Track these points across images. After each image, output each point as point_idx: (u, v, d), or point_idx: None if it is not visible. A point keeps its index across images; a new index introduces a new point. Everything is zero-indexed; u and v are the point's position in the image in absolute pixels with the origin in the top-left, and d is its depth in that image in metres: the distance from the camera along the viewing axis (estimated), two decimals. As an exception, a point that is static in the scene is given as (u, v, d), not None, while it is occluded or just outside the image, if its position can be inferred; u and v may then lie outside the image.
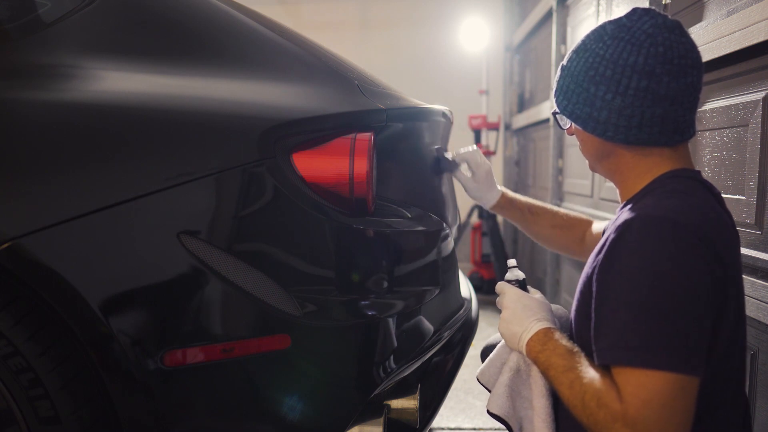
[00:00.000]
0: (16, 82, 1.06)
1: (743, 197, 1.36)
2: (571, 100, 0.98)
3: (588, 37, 0.98)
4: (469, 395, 2.38)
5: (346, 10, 4.66)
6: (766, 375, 1.30)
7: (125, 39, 1.14)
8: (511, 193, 1.48)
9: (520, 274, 1.11)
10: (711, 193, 0.93)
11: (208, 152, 1.00)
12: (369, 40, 4.64)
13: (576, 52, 0.98)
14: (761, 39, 1.25)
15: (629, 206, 0.93)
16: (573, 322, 1.00)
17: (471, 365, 2.61)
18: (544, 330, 0.97)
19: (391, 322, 1.12)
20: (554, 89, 1.03)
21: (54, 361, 0.98)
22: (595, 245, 1.39)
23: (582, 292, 0.95)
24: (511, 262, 1.13)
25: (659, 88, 0.90)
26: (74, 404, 0.99)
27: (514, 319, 1.01)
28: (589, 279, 0.93)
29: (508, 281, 1.10)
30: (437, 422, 2.14)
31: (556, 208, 1.47)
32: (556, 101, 1.03)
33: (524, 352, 0.98)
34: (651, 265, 0.81)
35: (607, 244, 0.87)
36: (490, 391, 1.06)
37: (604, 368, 0.85)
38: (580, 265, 2.79)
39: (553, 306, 1.13)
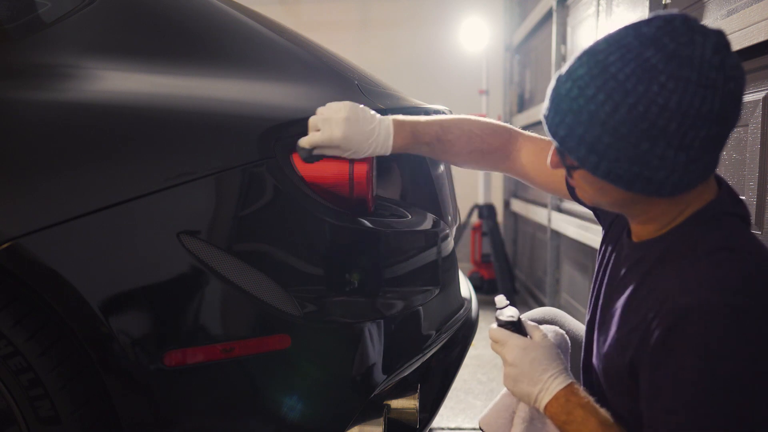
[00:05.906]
0: (16, 82, 1.06)
1: (743, 197, 1.36)
2: (606, 156, 0.75)
3: (620, 70, 0.73)
4: (469, 395, 2.38)
5: (346, 10, 4.66)
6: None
7: (125, 39, 1.14)
8: (407, 122, 1.08)
9: (513, 313, 0.94)
10: (741, 218, 0.82)
11: (209, 152, 1.00)
12: (369, 40, 4.63)
13: (607, 93, 0.73)
14: (761, 39, 1.25)
15: (661, 260, 0.82)
16: (602, 384, 0.91)
17: (471, 365, 2.62)
18: (564, 392, 0.85)
19: (391, 322, 1.12)
20: (560, 133, 0.79)
21: (54, 361, 0.98)
22: (530, 162, 1.13)
23: (617, 369, 0.84)
24: (500, 300, 0.97)
25: (726, 129, 0.75)
26: (74, 404, 0.99)
27: (524, 378, 0.88)
28: (627, 357, 0.82)
29: (502, 325, 0.94)
30: (437, 422, 2.14)
31: (469, 124, 1.14)
32: (573, 153, 0.78)
33: (542, 412, 0.88)
34: (717, 369, 0.71)
35: (658, 331, 0.75)
36: None
37: None
38: (580, 265, 2.79)
39: (548, 328, 1.02)
